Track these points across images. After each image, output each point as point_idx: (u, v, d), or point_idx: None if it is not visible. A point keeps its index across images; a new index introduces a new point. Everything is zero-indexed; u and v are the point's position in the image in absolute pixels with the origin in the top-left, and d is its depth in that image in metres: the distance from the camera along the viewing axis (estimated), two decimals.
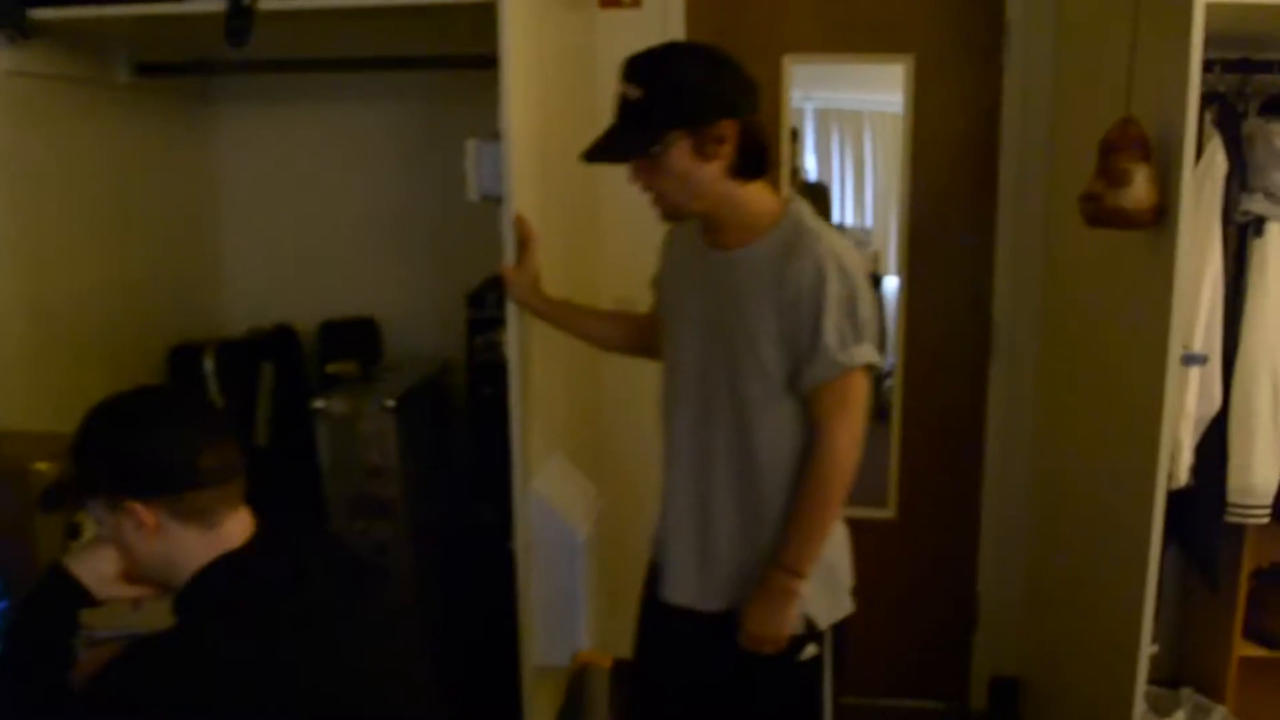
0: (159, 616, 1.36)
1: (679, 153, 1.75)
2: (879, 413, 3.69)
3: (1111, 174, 2.05)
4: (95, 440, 1.36)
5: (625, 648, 2.08)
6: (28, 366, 2.38)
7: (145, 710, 1.20)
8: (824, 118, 3.85)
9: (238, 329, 3.09)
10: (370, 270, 3.16)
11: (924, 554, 3.18)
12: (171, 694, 1.21)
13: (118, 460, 1.34)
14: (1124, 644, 2.25)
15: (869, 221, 4.06)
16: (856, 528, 3.15)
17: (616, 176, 3.02)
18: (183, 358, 2.83)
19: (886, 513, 3.18)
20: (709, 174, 1.77)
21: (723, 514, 1.91)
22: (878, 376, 1.88)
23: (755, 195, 1.83)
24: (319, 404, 2.65)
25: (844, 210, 4.06)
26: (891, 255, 3.40)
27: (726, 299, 1.85)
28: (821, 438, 1.80)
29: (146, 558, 1.37)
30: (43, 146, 2.46)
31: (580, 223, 2.90)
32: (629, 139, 1.78)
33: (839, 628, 1.96)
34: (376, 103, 3.07)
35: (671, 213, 1.86)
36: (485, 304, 2.78)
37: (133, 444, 1.34)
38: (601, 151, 1.81)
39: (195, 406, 1.44)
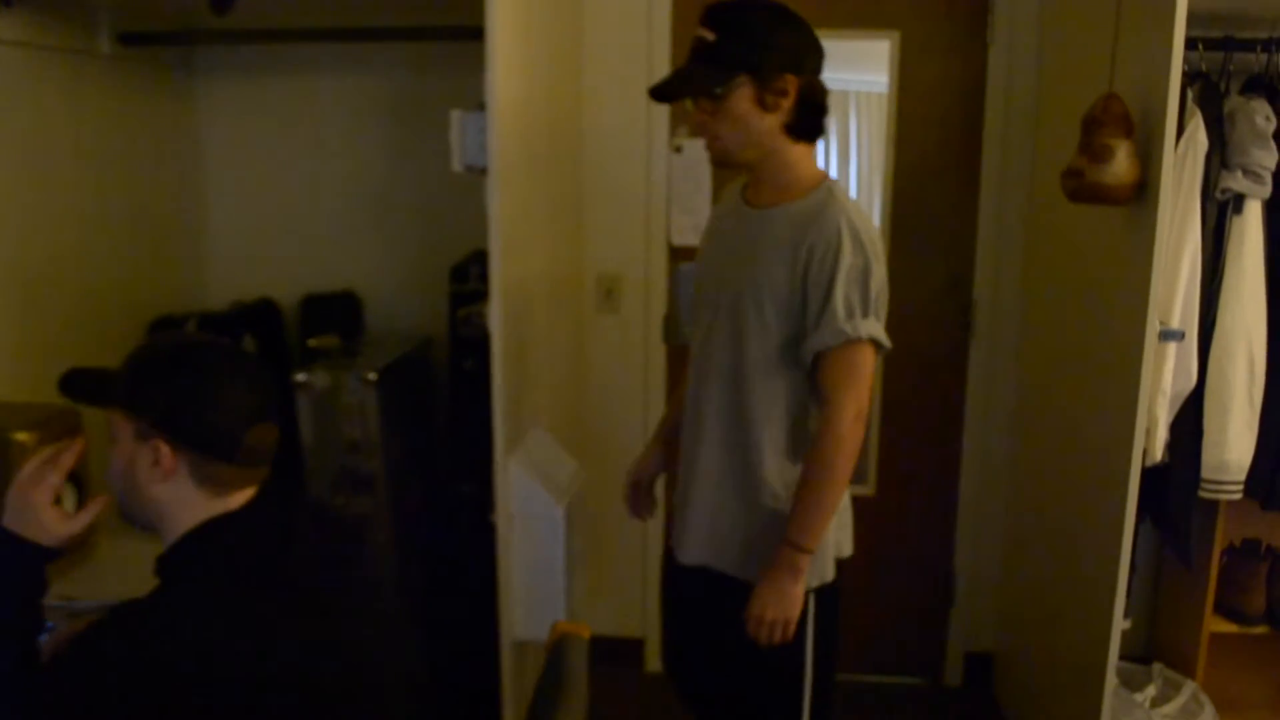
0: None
1: (741, 97, 1.80)
2: None
3: (1094, 150, 2.04)
4: (163, 363, 1.32)
5: (607, 624, 2.08)
6: (6, 337, 2.36)
7: (124, 680, 1.17)
8: None
9: (220, 302, 3.07)
10: (352, 243, 3.13)
11: (902, 531, 3.19)
12: (152, 661, 1.18)
13: (174, 395, 1.29)
14: (1097, 620, 2.26)
15: None
16: None
17: (601, 148, 3.03)
18: (164, 330, 2.80)
19: (866, 489, 3.18)
20: (766, 125, 1.82)
21: (706, 468, 1.93)
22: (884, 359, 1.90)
23: (802, 158, 1.87)
24: (300, 377, 2.62)
25: None
26: None
27: (745, 253, 1.88)
28: (828, 410, 1.79)
29: (143, 496, 1.32)
30: (22, 116, 2.42)
31: (565, 195, 2.89)
32: (697, 77, 1.83)
33: (821, 595, 1.94)
34: (360, 74, 3.04)
35: (722, 157, 1.89)
36: (468, 277, 2.76)
37: (196, 387, 1.29)
38: (669, 86, 1.87)
39: (265, 379, 1.37)
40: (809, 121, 1.85)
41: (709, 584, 1.96)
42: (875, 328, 1.80)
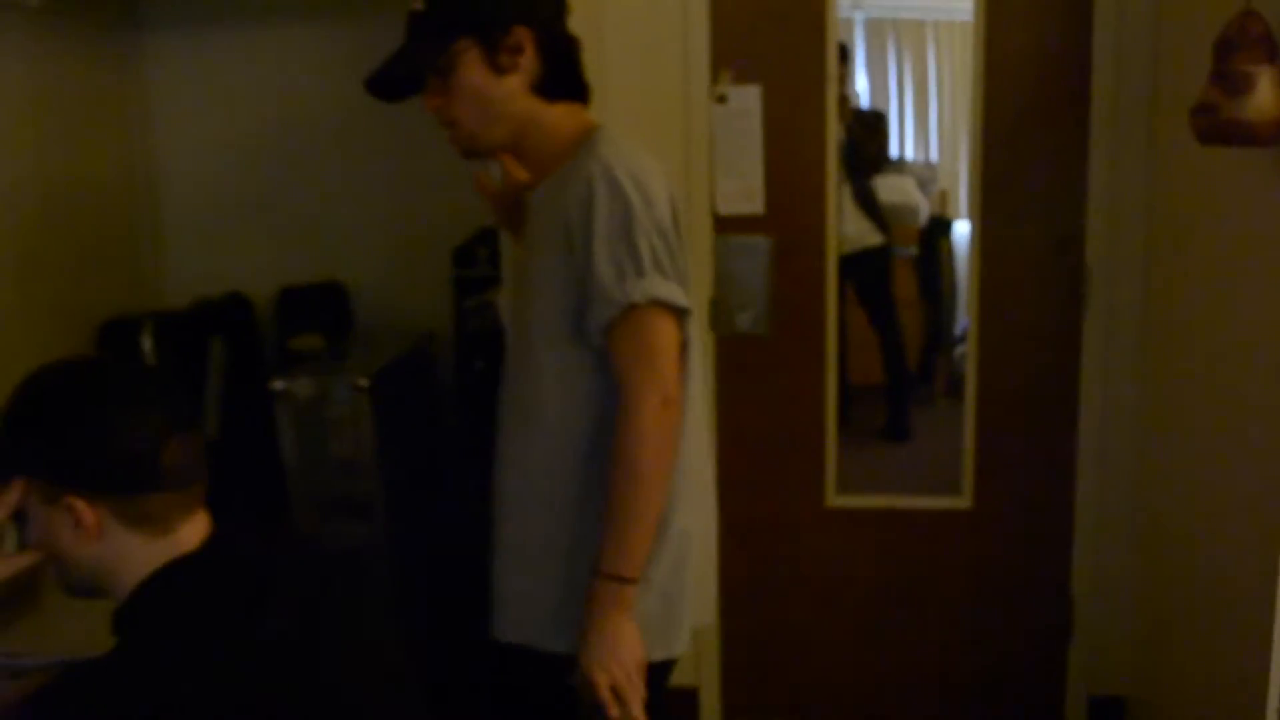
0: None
1: (469, 65, 1.78)
2: (949, 386, 3.67)
3: (1229, 80, 2.01)
4: (38, 413, 1.33)
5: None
6: None
7: None
8: (878, 30, 3.81)
9: (180, 299, 3.10)
10: (335, 224, 3.16)
11: (1006, 550, 3.16)
12: None
13: (64, 444, 1.30)
14: (1254, 653, 2.23)
15: (934, 155, 4.03)
16: (925, 520, 3.23)
17: (628, 99, 3.01)
18: (116, 335, 2.84)
19: (961, 502, 3.16)
20: (506, 90, 1.80)
21: (511, 514, 1.90)
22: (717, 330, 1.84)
23: (565, 119, 1.85)
24: (279, 385, 2.65)
25: (904, 142, 4.03)
26: (962, 195, 3.37)
27: (525, 248, 1.88)
28: (624, 400, 1.73)
29: (79, 562, 1.34)
30: None
31: None
32: (410, 55, 1.82)
33: (655, 671, 1.84)
34: (336, 21, 3.05)
35: (469, 144, 1.87)
36: (475, 260, 2.79)
37: (85, 427, 1.30)
38: (384, 76, 1.83)
39: (161, 387, 1.39)
40: (562, 76, 1.84)
41: (534, 669, 1.89)
42: (659, 285, 1.72)
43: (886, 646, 3.25)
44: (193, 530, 1.36)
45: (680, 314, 1.77)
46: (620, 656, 1.73)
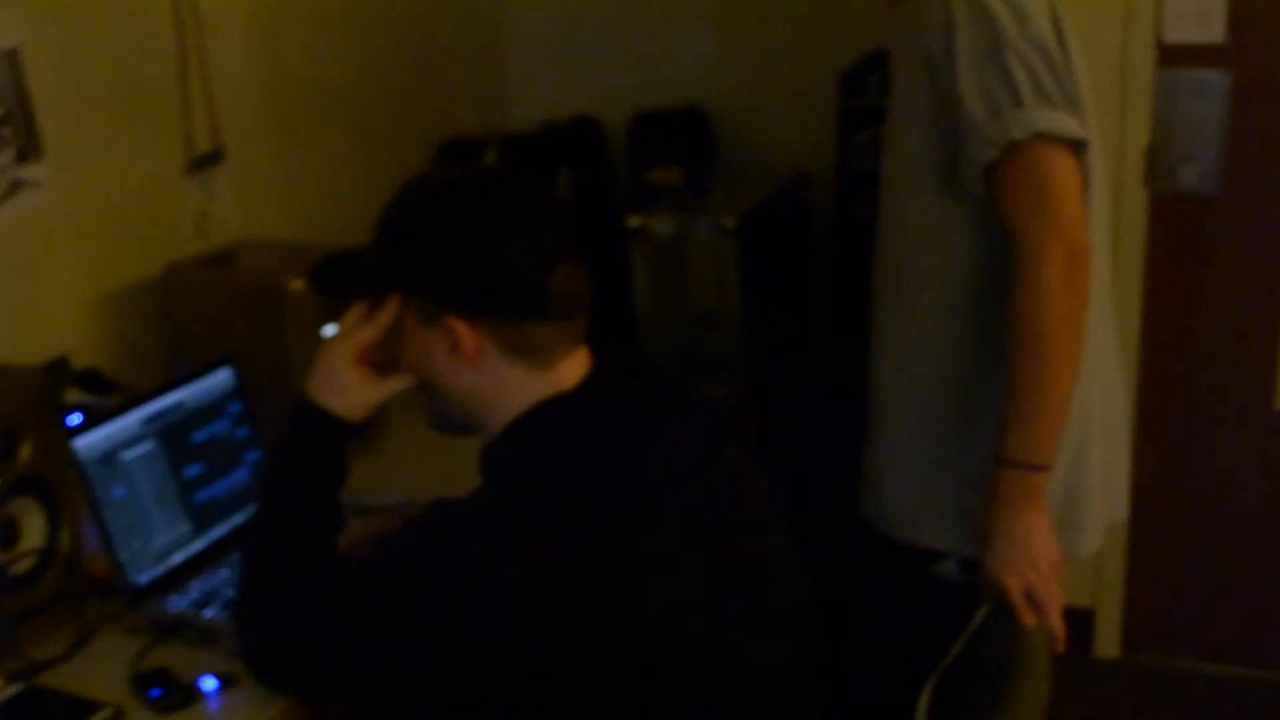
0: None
1: None
2: None
3: None
4: (426, 226, 1.36)
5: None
6: (270, 166, 2.52)
7: (454, 599, 1.23)
8: None
9: (526, 121, 3.17)
10: (698, 42, 3.15)
11: None
12: (486, 578, 1.23)
13: (453, 261, 1.33)
14: None
15: None
16: None
17: None
18: (455, 157, 2.92)
19: None
20: None
21: (884, 392, 1.93)
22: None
23: None
24: (635, 222, 2.69)
25: None
26: None
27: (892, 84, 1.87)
28: (1019, 257, 1.67)
29: (452, 390, 1.38)
30: None
31: None
32: None
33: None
34: None
35: None
36: (866, 88, 2.72)
37: (476, 244, 1.33)
38: None
39: (553, 208, 1.41)
40: None
41: (903, 559, 1.92)
42: (1043, 116, 1.64)
43: None
44: (573, 367, 1.37)
45: (1076, 147, 1.69)
46: (1033, 556, 1.70)
